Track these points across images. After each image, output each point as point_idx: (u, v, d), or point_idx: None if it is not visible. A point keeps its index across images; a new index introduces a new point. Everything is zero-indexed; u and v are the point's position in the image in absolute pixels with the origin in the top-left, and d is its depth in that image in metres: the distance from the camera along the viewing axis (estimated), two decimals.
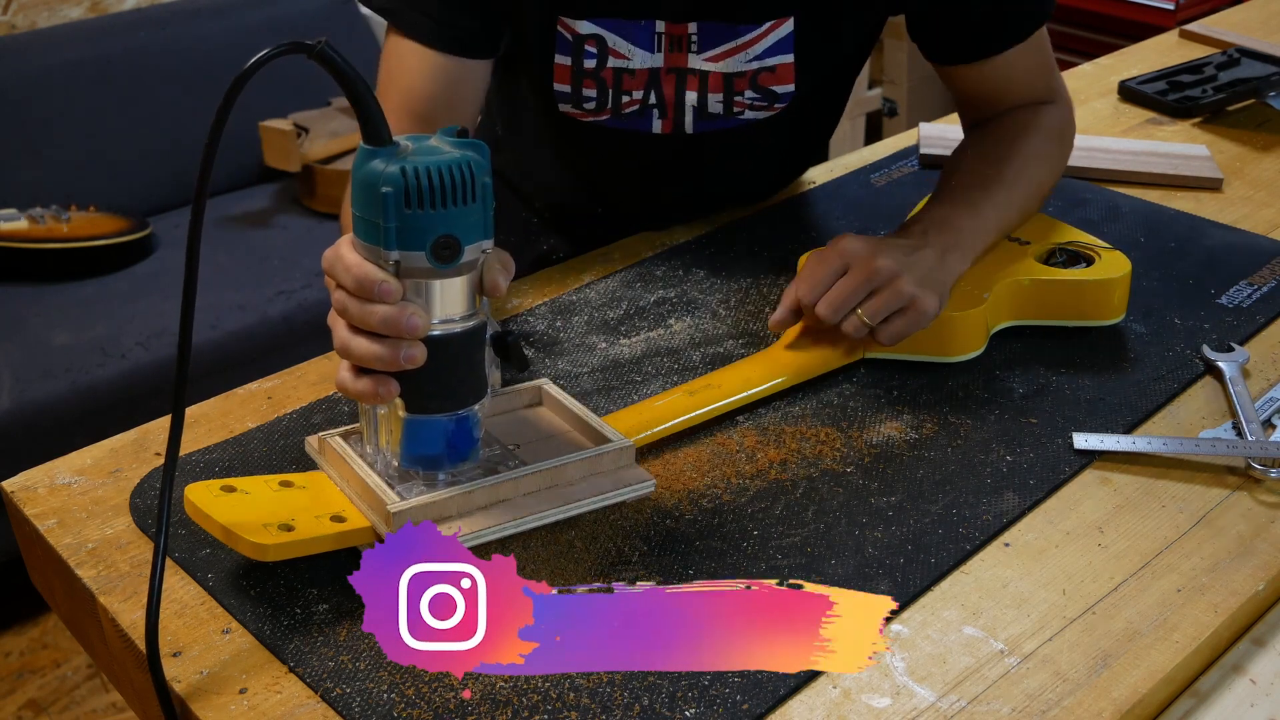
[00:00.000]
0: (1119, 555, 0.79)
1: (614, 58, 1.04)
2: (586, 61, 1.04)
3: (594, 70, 1.04)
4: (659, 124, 1.08)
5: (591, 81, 1.05)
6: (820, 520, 0.82)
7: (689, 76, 1.05)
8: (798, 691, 0.69)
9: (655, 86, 1.06)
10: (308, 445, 0.84)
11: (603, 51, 1.03)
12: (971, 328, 0.97)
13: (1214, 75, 1.53)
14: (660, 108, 1.07)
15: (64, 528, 0.83)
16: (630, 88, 1.05)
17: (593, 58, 1.03)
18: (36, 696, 2.01)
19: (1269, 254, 1.15)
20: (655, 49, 1.03)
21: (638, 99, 1.06)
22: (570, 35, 1.03)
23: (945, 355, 0.97)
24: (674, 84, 1.06)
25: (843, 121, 3.28)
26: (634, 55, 1.03)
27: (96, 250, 2.30)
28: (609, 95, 1.05)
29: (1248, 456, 0.86)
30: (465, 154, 0.71)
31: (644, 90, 1.06)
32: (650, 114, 1.07)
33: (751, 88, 1.06)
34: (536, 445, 0.84)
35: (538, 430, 0.86)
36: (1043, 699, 0.69)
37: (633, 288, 1.10)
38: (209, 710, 0.69)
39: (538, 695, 0.68)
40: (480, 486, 0.76)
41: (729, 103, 1.07)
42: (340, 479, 0.79)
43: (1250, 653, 0.75)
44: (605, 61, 1.04)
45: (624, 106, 1.06)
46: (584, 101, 1.06)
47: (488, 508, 0.77)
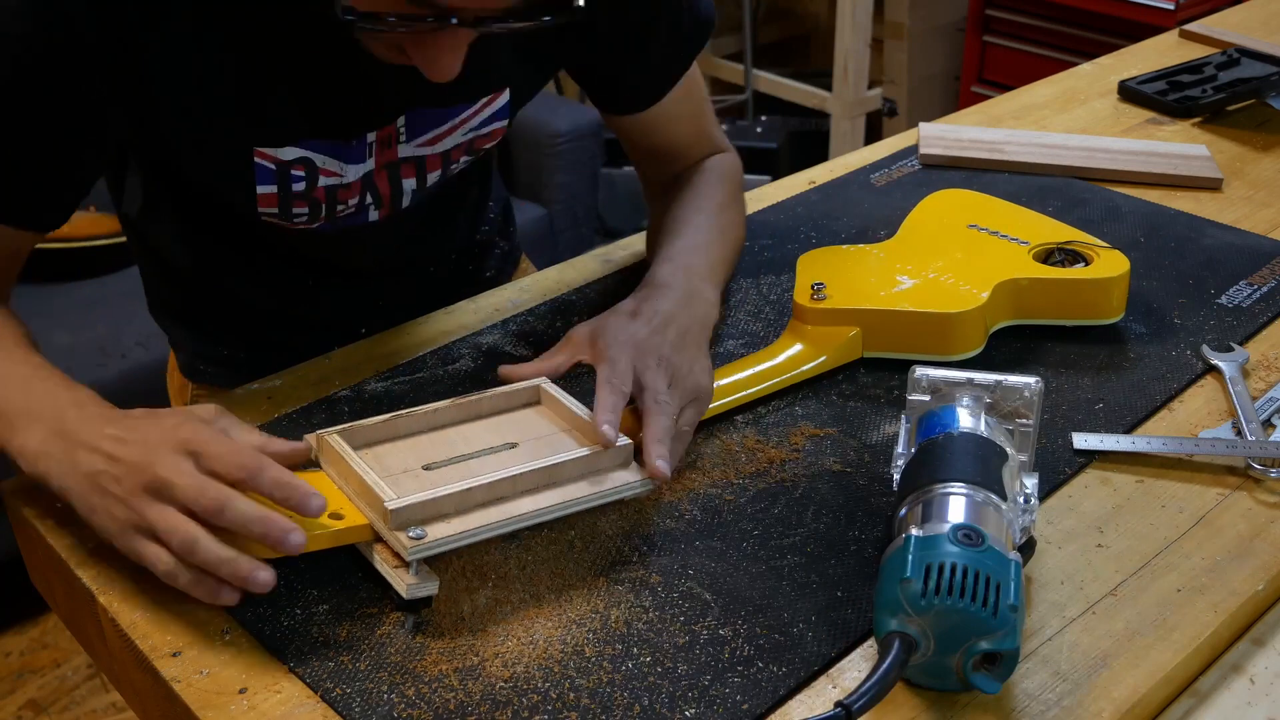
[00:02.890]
0: (1119, 555, 0.79)
1: (325, 177, 0.93)
2: (295, 186, 0.93)
3: (304, 192, 0.93)
4: (375, 214, 1.00)
5: (303, 202, 0.94)
6: (820, 520, 0.82)
7: (403, 166, 0.98)
8: (798, 691, 0.69)
9: (370, 188, 0.97)
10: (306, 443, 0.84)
11: (312, 173, 0.92)
12: (970, 327, 0.97)
13: (1214, 75, 1.53)
14: (377, 202, 0.99)
15: (64, 528, 0.82)
16: (345, 198, 0.96)
17: (301, 180, 0.92)
18: (36, 696, 2.01)
19: (1269, 254, 1.15)
20: (367, 157, 0.95)
21: (354, 205, 0.97)
22: (272, 164, 0.91)
23: (944, 354, 0.97)
24: (388, 179, 0.98)
25: (843, 121, 3.30)
26: (346, 170, 0.94)
27: (96, 250, 2.30)
28: (323, 208, 0.96)
29: (1248, 456, 0.86)
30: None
31: (359, 195, 0.97)
32: (366, 210, 0.99)
33: (467, 153, 1.01)
34: (534, 444, 0.84)
35: (536, 429, 0.86)
36: (1043, 699, 0.69)
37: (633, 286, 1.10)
38: (209, 710, 0.69)
39: (538, 695, 0.68)
40: (478, 484, 0.76)
41: (446, 172, 1.01)
42: (339, 477, 0.79)
43: (1250, 652, 0.75)
44: (316, 182, 0.93)
45: (339, 214, 0.97)
46: (295, 220, 0.96)
47: (485, 505, 0.77)
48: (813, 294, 0.99)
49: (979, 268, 1.01)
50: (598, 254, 1.18)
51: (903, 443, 0.82)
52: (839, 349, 0.97)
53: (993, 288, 0.98)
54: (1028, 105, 1.52)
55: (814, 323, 0.98)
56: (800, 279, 1.02)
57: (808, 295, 0.99)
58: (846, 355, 0.97)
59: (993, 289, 0.98)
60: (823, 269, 1.03)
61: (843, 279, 1.01)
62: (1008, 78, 2.85)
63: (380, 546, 0.75)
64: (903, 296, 0.98)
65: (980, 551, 0.67)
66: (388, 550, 0.75)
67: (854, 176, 1.33)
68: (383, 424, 0.84)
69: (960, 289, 0.98)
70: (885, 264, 1.04)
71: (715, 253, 1.03)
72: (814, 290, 0.99)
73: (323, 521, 0.75)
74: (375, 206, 0.99)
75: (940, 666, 0.67)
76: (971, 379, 0.81)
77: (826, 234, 1.19)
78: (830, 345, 0.97)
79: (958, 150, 1.36)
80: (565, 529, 0.81)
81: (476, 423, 0.87)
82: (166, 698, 0.71)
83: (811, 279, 1.00)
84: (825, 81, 3.33)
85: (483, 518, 0.76)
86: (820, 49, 3.75)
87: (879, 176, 1.33)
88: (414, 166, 0.98)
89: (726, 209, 1.08)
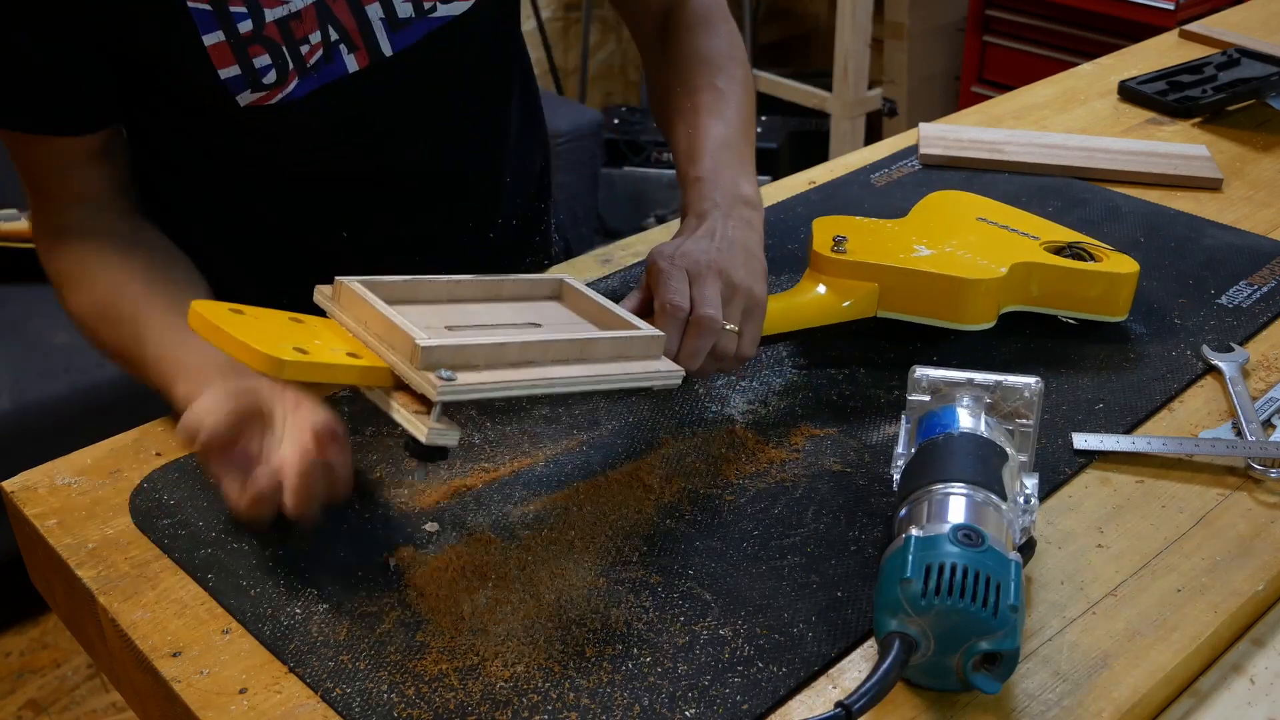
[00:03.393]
0: (1119, 555, 0.79)
1: (269, 7, 0.87)
2: (241, 25, 0.87)
3: (255, 33, 0.87)
4: (352, 59, 0.92)
5: (260, 47, 0.88)
6: (820, 520, 0.82)
7: None
8: (798, 691, 0.69)
9: (329, 18, 0.90)
10: (318, 294, 0.80)
11: (254, 7, 0.87)
12: (986, 297, 0.98)
13: (1214, 75, 1.53)
14: (346, 40, 0.91)
15: (64, 528, 0.83)
16: (304, 32, 0.89)
17: (245, 19, 0.87)
18: (36, 696, 2.01)
19: (1269, 254, 1.15)
20: None
21: (318, 43, 0.90)
22: (207, 4, 0.85)
23: (957, 321, 0.98)
24: (347, 5, 0.91)
25: (843, 121, 3.30)
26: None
27: None
28: (284, 53, 0.89)
29: (1248, 456, 0.86)
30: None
31: (319, 29, 0.90)
32: (338, 52, 0.91)
33: None
34: (559, 327, 0.81)
35: (559, 316, 0.83)
36: (1043, 699, 0.69)
37: (632, 287, 1.10)
38: (209, 710, 0.69)
39: (538, 695, 0.68)
40: (512, 341, 0.73)
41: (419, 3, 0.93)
42: (357, 323, 0.76)
43: (1250, 653, 0.75)
44: (263, 16, 0.87)
45: (307, 58, 0.90)
46: (263, 75, 0.89)
47: (516, 365, 0.73)
48: (834, 245, 0.99)
49: (994, 249, 1.02)
50: (598, 254, 1.18)
51: (903, 443, 0.82)
52: (857, 301, 0.97)
53: (1010, 265, 0.99)
54: (1028, 105, 1.52)
55: (833, 274, 0.98)
56: (818, 235, 1.01)
57: (828, 247, 0.99)
58: (863, 309, 0.98)
59: (1010, 267, 0.98)
60: (840, 230, 1.03)
61: (862, 239, 1.01)
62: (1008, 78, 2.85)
63: (399, 394, 0.72)
64: (922, 260, 0.99)
65: (980, 552, 0.67)
66: (407, 396, 0.72)
67: (854, 176, 1.33)
68: (404, 284, 0.80)
69: (978, 262, 0.99)
70: (901, 235, 1.04)
71: (740, 133, 1.00)
72: (835, 242, 0.99)
73: (342, 356, 0.72)
74: (347, 47, 0.92)
75: (940, 667, 0.68)
76: (971, 379, 0.81)
77: None
78: (848, 296, 0.97)
79: (958, 150, 1.36)
80: (565, 529, 0.81)
81: (497, 303, 0.84)
82: (166, 698, 0.71)
83: (831, 235, 1.00)
84: (825, 81, 3.33)
85: (514, 375, 0.72)
86: (820, 49, 3.75)
87: (879, 176, 1.33)
88: None
89: (732, 68, 1.04)
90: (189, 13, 0.85)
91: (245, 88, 0.89)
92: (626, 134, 3.21)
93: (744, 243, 0.90)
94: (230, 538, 0.80)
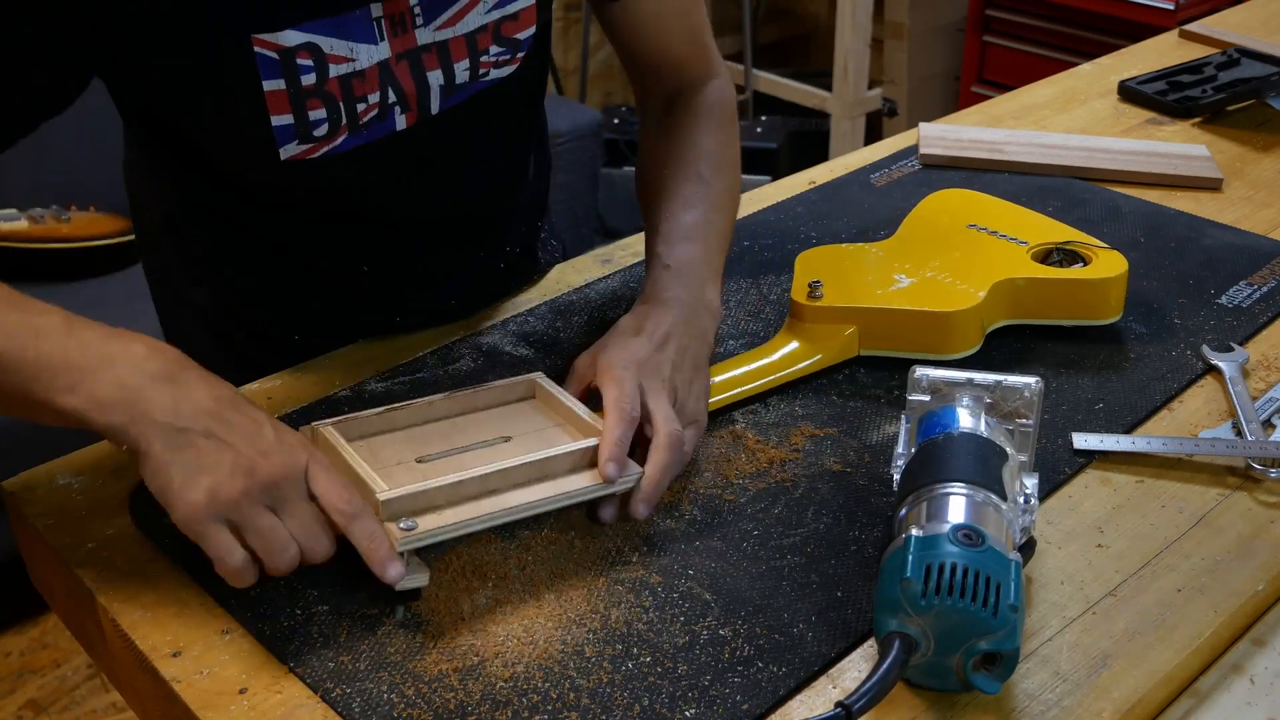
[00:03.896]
0: (1119, 555, 0.79)
1: (335, 64, 0.86)
2: (305, 78, 0.86)
3: (316, 87, 0.86)
4: (402, 119, 0.92)
5: (318, 100, 0.87)
6: (820, 520, 0.82)
7: (424, 55, 0.91)
8: (798, 691, 0.69)
9: (390, 81, 0.90)
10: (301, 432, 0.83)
11: (320, 61, 0.86)
12: (966, 326, 0.97)
13: (1214, 75, 1.53)
14: (402, 102, 0.91)
15: (64, 528, 0.83)
16: (364, 91, 0.88)
17: (310, 72, 0.85)
18: (36, 696, 2.01)
19: (1269, 254, 1.15)
20: (379, 38, 0.87)
21: (375, 103, 0.90)
22: (275, 53, 0.84)
23: (940, 352, 0.97)
24: (409, 70, 0.90)
25: (843, 121, 3.30)
26: (358, 53, 0.87)
27: (96, 250, 2.30)
28: (341, 109, 0.88)
29: (1248, 456, 0.86)
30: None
31: (379, 90, 0.89)
32: (392, 112, 0.91)
33: (495, 41, 0.93)
34: (528, 438, 0.84)
35: (530, 423, 0.86)
36: (1042, 699, 0.69)
37: (632, 288, 1.10)
38: (209, 710, 0.69)
39: (538, 695, 0.68)
40: (469, 477, 0.76)
41: (475, 66, 0.93)
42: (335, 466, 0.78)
43: (1250, 652, 0.75)
44: (327, 72, 0.86)
45: (361, 115, 0.90)
46: (314, 128, 0.88)
47: (477, 498, 0.77)
48: (809, 292, 0.99)
49: (976, 267, 1.01)
50: (598, 254, 1.18)
51: (903, 443, 0.82)
52: (836, 347, 0.97)
53: (989, 287, 0.98)
54: (1028, 105, 1.52)
55: (811, 320, 0.98)
56: (798, 278, 1.02)
57: (804, 294, 0.99)
58: (843, 353, 0.98)
59: (989, 288, 0.98)
60: (820, 268, 1.03)
61: (840, 277, 1.01)
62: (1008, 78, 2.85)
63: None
64: (899, 295, 0.99)
65: (980, 551, 0.67)
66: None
67: (854, 176, 1.33)
68: (378, 416, 0.84)
69: (957, 288, 0.98)
70: (883, 263, 1.04)
71: (716, 236, 1.00)
72: (810, 288, 0.99)
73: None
74: (401, 108, 0.92)
75: (940, 666, 0.68)
76: (971, 379, 0.81)
77: (826, 234, 1.19)
78: (827, 343, 0.97)
79: (958, 150, 1.36)
80: (565, 529, 0.81)
81: (472, 415, 0.87)
82: (166, 698, 0.71)
83: (809, 277, 1.00)
84: (825, 81, 3.33)
85: (474, 510, 0.76)
86: (820, 49, 3.75)
87: (879, 176, 1.33)
88: (436, 55, 0.91)
89: (724, 171, 1.05)
90: (255, 57, 0.84)
91: (293, 139, 0.88)
92: (626, 134, 3.21)
93: (695, 358, 0.90)
94: None
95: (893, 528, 0.73)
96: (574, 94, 3.55)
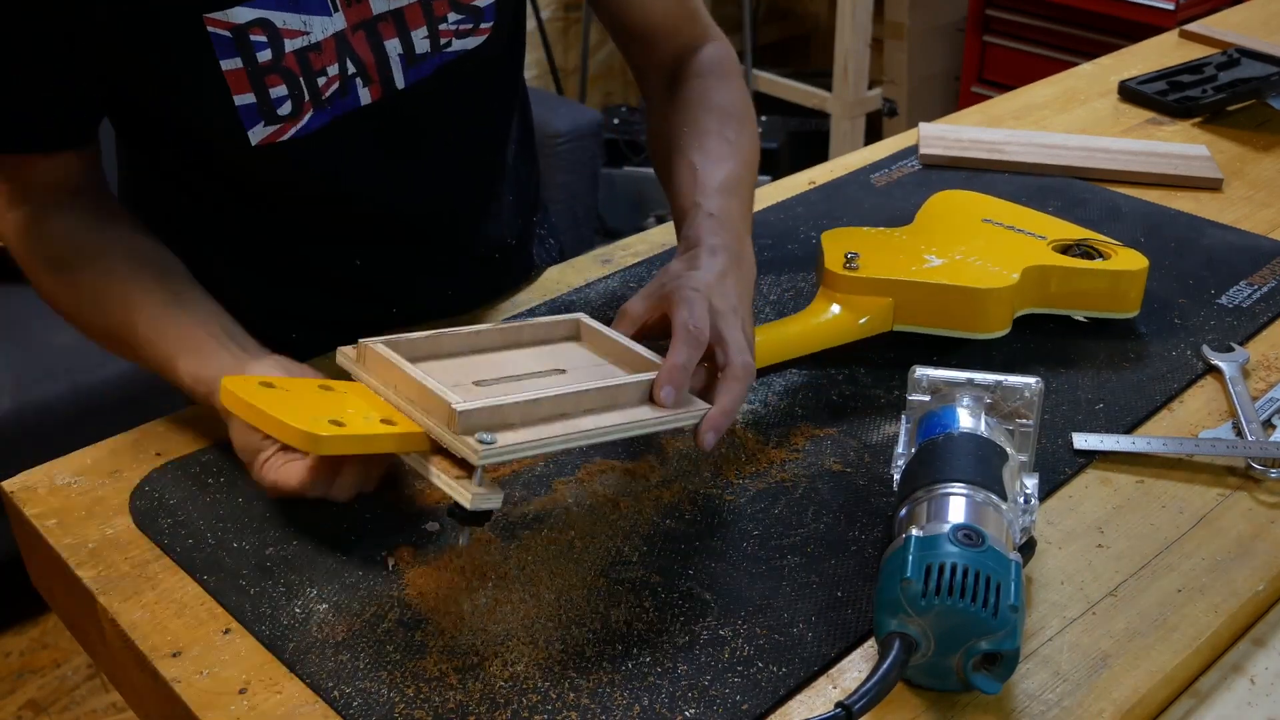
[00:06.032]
0: (1119, 555, 0.79)
1: (289, 38, 0.87)
2: (260, 54, 0.86)
3: (274, 63, 0.87)
4: (366, 93, 0.92)
5: (277, 77, 0.87)
6: (820, 520, 0.82)
7: (380, 25, 0.90)
8: (798, 691, 0.69)
9: (348, 52, 0.90)
10: (340, 356, 0.80)
11: (274, 37, 0.86)
12: (1002, 305, 0.98)
13: (1214, 75, 1.53)
14: (363, 74, 0.91)
15: (64, 528, 0.83)
16: (322, 64, 0.89)
17: (265, 48, 0.86)
18: (36, 696, 2.01)
19: (1269, 254, 1.15)
20: (332, 9, 0.88)
21: (335, 75, 0.90)
22: (228, 31, 0.85)
23: (973, 330, 0.98)
24: (366, 40, 0.90)
25: (843, 121, 3.30)
26: (311, 26, 0.87)
27: None
28: (301, 84, 0.88)
29: (1248, 456, 0.86)
30: None
31: (338, 62, 0.89)
32: (354, 85, 0.91)
33: (453, 8, 0.93)
34: (582, 371, 0.81)
35: (582, 359, 0.83)
36: (1043, 699, 0.69)
37: (633, 288, 1.10)
38: (209, 710, 0.69)
39: (537, 695, 0.68)
40: (545, 396, 0.74)
41: (434, 35, 0.93)
42: (386, 387, 0.76)
43: (1250, 653, 0.75)
44: (282, 46, 0.86)
45: (323, 90, 0.90)
46: (278, 106, 0.88)
47: (550, 420, 0.74)
48: (846, 263, 0.98)
49: (1004, 253, 1.02)
50: (598, 254, 1.18)
51: (903, 443, 0.82)
52: (873, 317, 0.97)
53: (1021, 271, 0.99)
54: (1028, 105, 1.52)
55: (847, 291, 0.98)
56: (829, 251, 1.01)
57: (840, 264, 0.98)
58: (879, 325, 0.98)
59: (1021, 272, 0.99)
60: (850, 244, 1.03)
61: (873, 253, 1.01)
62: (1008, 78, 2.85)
63: (437, 458, 0.72)
64: (934, 272, 0.99)
65: (980, 552, 0.67)
66: (446, 460, 0.72)
67: (854, 176, 1.33)
68: (426, 339, 0.80)
69: (990, 269, 0.99)
70: (910, 244, 1.04)
71: (745, 185, 0.99)
72: (847, 259, 0.99)
73: (377, 424, 0.72)
74: (363, 80, 0.91)
75: (940, 667, 0.68)
76: (971, 379, 0.81)
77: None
78: (864, 313, 0.97)
79: (958, 150, 1.36)
80: (565, 529, 0.81)
81: (518, 350, 0.84)
82: (166, 698, 0.71)
83: (842, 250, 1.00)
84: (825, 81, 3.33)
85: (548, 430, 0.73)
86: (820, 49, 3.75)
87: (879, 176, 1.33)
88: (393, 23, 0.91)
89: (743, 127, 1.04)
90: (209, 37, 0.85)
91: (259, 119, 0.88)
92: (626, 134, 3.21)
93: (748, 301, 0.89)
94: (230, 538, 0.80)
95: (893, 528, 0.73)
96: (574, 94, 3.55)
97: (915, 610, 0.66)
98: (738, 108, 1.04)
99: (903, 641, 0.66)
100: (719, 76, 1.06)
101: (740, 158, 1.00)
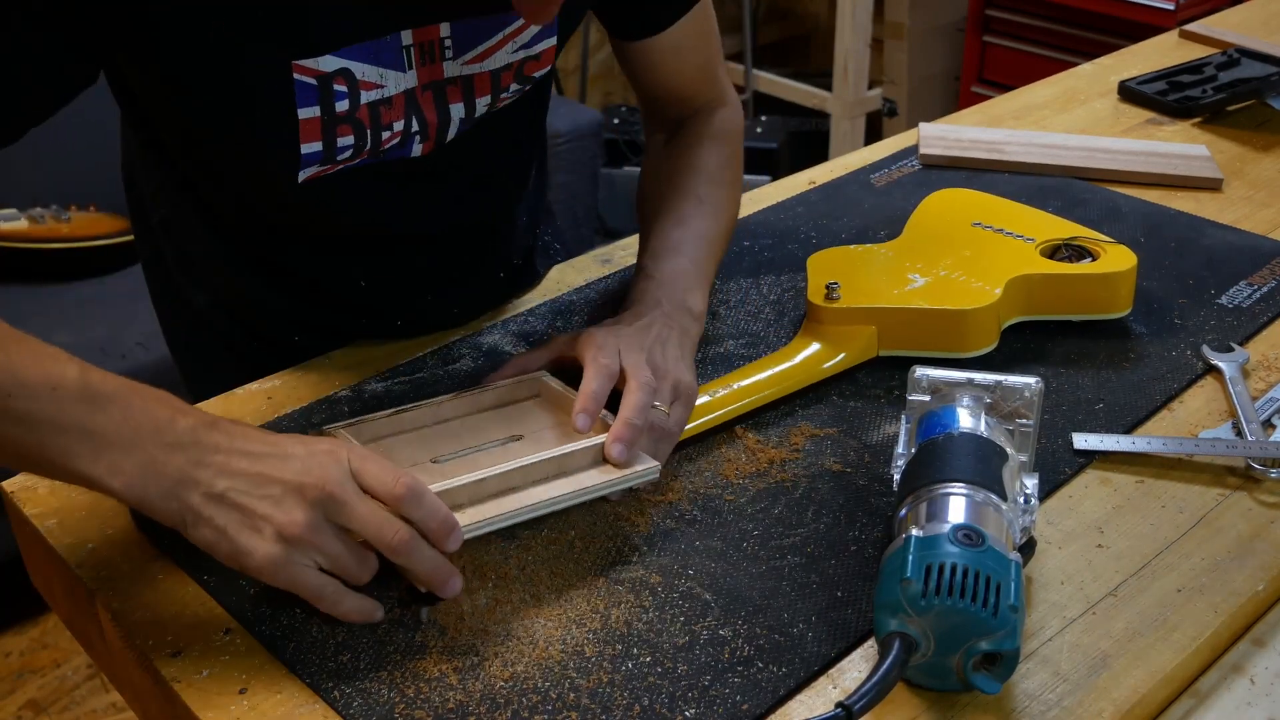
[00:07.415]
0: (1119, 555, 0.79)
1: (366, 90, 0.86)
2: (339, 104, 0.85)
3: (348, 114, 0.86)
4: (420, 148, 0.92)
5: (348, 127, 0.87)
6: (820, 520, 0.82)
7: (449, 88, 0.90)
8: (798, 691, 0.69)
9: (415, 110, 0.90)
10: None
11: (353, 87, 0.85)
12: (985, 323, 0.98)
13: (1214, 75, 1.53)
14: (423, 131, 0.91)
15: (64, 528, 0.83)
16: (390, 119, 0.88)
17: (344, 98, 0.85)
18: (36, 696, 2.01)
19: (1269, 254, 1.15)
20: (406, 66, 0.87)
21: (399, 130, 0.90)
22: (313, 79, 0.83)
23: (959, 351, 0.98)
24: (433, 100, 0.90)
25: (843, 121, 3.30)
26: (386, 80, 0.87)
27: (96, 250, 2.30)
28: (368, 135, 0.88)
29: (1248, 456, 0.86)
30: None
31: (404, 119, 0.89)
32: (412, 140, 0.91)
33: (517, 80, 0.94)
34: (539, 435, 0.84)
35: (539, 421, 0.86)
36: (1042, 699, 0.68)
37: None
38: (209, 710, 0.69)
39: (538, 695, 0.68)
40: (492, 475, 0.76)
41: (494, 103, 0.94)
42: None
43: (1250, 653, 0.75)
44: (359, 98, 0.86)
45: (385, 143, 0.90)
46: (339, 153, 0.88)
47: (498, 496, 0.76)
48: (827, 294, 0.99)
49: (989, 265, 1.01)
50: (598, 254, 1.18)
51: (903, 443, 0.82)
52: (857, 348, 0.97)
53: (1004, 284, 0.98)
54: (1028, 105, 1.52)
55: (830, 322, 0.98)
56: (812, 280, 1.01)
57: (822, 295, 0.99)
58: (864, 354, 0.97)
59: (1005, 285, 0.98)
60: (834, 269, 1.03)
61: (855, 278, 1.01)
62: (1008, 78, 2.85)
63: None
64: (916, 294, 0.99)
65: (980, 552, 0.67)
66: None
67: (854, 176, 1.33)
68: (388, 419, 0.84)
69: (972, 286, 0.99)
70: (895, 263, 1.04)
71: (706, 247, 1.01)
72: (828, 290, 0.99)
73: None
74: (421, 137, 0.92)
75: (940, 667, 0.68)
76: (971, 379, 0.81)
77: (826, 234, 1.19)
78: (847, 344, 0.97)
79: (958, 150, 1.36)
80: (565, 529, 0.81)
81: (480, 415, 0.87)
82: (166, 698, 0.71)
83: (824, 279, 1.00)
84: (825, 81, 3.33)
85: (496, 507, 0.75)
86: (820, 49, 3.75)
87: (879, 176, 1.33)
88: (460, 88, 0.91)
89: (720, 189, 1.06)
90: (293, 84, 0.83)
91: (316, 163, 0.88)
92: (626, 134, 3.21)
93: (677, 344, 0.90)
94: None
95: (893, 528, 0.73)
96: (574, 94, 3.55)
97: (915, 610, 0.66)
98: (720, 173, 1.07)
99: (903, 641, 0.66)
100: (717, 144, 1.08)
101: (704, 216, 1.02)
